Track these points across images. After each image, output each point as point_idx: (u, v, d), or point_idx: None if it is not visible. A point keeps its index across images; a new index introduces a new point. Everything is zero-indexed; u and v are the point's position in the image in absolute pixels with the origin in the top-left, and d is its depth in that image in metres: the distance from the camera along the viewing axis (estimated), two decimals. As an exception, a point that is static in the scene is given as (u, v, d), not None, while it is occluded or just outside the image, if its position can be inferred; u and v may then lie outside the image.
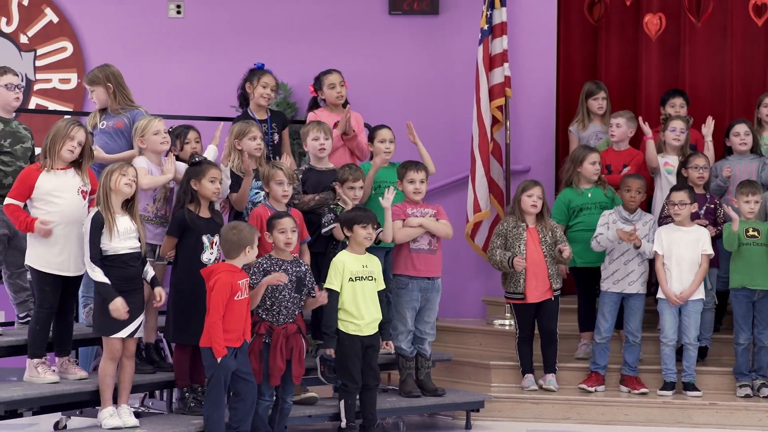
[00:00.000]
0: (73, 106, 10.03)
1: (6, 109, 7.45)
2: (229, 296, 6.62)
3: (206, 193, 7.07)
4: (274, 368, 6.93)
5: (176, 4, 10.16)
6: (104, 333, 6.74)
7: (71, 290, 7.01)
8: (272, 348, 6.93)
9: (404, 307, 7.78)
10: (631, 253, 8.24)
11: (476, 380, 8.57)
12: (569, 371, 8.50)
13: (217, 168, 7.15)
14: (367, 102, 9.46)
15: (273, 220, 7.06)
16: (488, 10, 9.37)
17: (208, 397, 6.71)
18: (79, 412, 7.59)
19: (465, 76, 9.67)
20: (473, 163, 9.37)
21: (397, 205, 7.83)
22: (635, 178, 8.35)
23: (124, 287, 6.72)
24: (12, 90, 7.43)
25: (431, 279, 7.85)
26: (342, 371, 7.29)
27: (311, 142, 7.95)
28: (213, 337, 6.59)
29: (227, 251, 6.77)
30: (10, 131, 7.40)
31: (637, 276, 8.26)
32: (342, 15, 10.09)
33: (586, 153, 8.61)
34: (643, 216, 8.31)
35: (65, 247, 6.82)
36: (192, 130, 7.77)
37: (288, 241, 7.03)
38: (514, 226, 8.25)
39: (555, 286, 8.22)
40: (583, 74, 10.04)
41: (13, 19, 10.19)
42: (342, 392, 7.32)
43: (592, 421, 8.17)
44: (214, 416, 6.69)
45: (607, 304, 8.30)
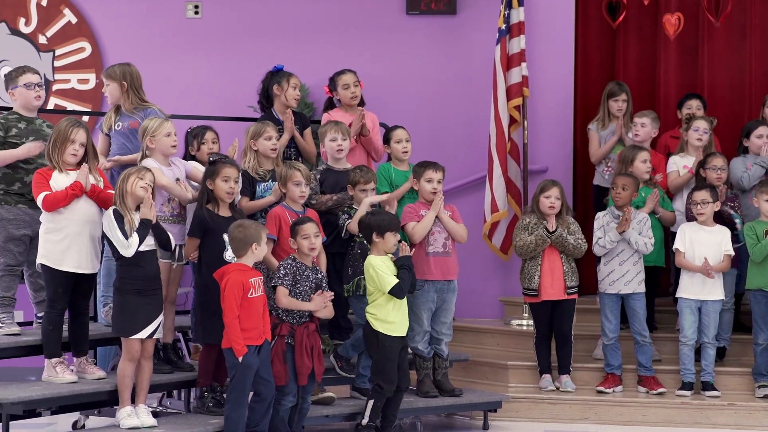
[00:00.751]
0: (92, 106, 10.05)
1: (27, 108, 7.47)
2: (242, 295, 6.63)
3: (219, 193, 7.08)
4: (302, 367, 6.94)
5: (194, 4, 10.18)
6: (123, 334, 6.75)
7: (84, 290, 7.02)
8: (297, 348, 6.94)
9: (420, 309, 7.77)
10: (626, 254, 8.22)
11: (494, 380, 8.56)
12: (587, 372, 8.48)
13: (232, 167, 7.14)
14: (385, 102, 9.46)
15: (296, 226, 7.06)
16: (506, 10, 9.37)
17: (230, 396, 6.71)
18: (98, 412, 7.61)
19: (482, 76, 9.67)
20: (490, 163, 9.37)
21: (410, 206, 7.83)
22: (621, 176, 8.32)
23: (142, 287, 6.73)
24: (32, 89, 7.44)
25: (447, 280, 7.85)
26: (380, 373, 7.26)
27: (329, 142, 7.95)
28: (231, 337, 6.61)
29: (235, 250, 6.79)
30: (33, 129, 7.42)
31: (632, 276, 8.24)
32: (359, 15, 10.10)
33: (636, 152, 8.56)
34: (636, 214, 8.28)
35: (78, 245, 6.83)
36: (209, 130, 7.78)
37: (312, 246, 7.03)
38: (535, 222, 8.24)
39: (569, 284, 8.20)
40: (601, 74, 10.03)
41: (31, 20, 10.22)
42: (375, 393, 7.29)
43: (609, 421, 8.15)
44: (234, 416, 6.70)
45: (608, 305, 8.29)
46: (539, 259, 8.19)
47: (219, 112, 9.22)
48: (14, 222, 7.24)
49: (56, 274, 6.83)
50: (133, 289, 6.71)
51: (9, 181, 7.31)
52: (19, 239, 7.27)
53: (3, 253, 7.32)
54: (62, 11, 10.20)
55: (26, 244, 7.32)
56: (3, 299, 7.32)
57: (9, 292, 7.34)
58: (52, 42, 10.22)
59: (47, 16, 10.21)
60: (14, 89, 7.47)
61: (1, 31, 10.21)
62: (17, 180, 7.27)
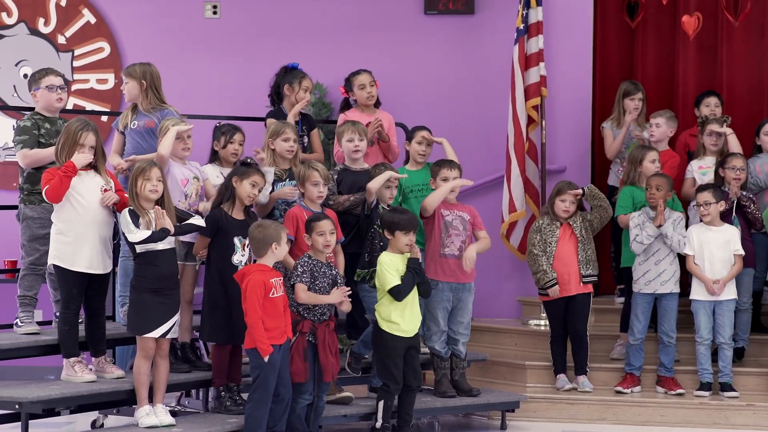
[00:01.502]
0: (110, 106, 10.08)
1: (49, 110, 7.49)
2: (264, 295, 6.65)
3: (242, 194, 7.10)
4: (327, 364, 6.96)
5: (212, 4, 10.20)
6: (137, 332, 6.78)
7: (99, 290, 7.03)
8: (320, 345, 6.95)
9: (435, 308, 7.77)
10: (661, 253, 8.20)
11: (511, 380, 8.55)
12: (605, 372, 8.47)
13: (262, 177, 7.17)
14: (402, 102, 9.46)
15: (312, 223, 7.07)
16: (524, 10, 9.35)
17: (253, 395, 6.72)
18: (116, 411, 7.63)
19: (500, 76, 9.66)
20: (508, 162, 9.36)
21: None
22: (656, 176, 8.30)
23: (159, 285, 6.76)
24: (54, 91, 7.46)
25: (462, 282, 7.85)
26: (384, 372, 7.27)
27: (346, 143, 7.95)
28: (256, 337, 6.62)
29: (255, 250, 6.80)
30: (56, 130, 7.43)
31: (669, 276, 8.22)
32: (377, 15, 10.10)
33: (645, 152, 8.55)
34: (670, 214, 8.26)
35: (89, 245, 6.84)
36: (239, 132, 7.72)
37: (327, 243, 7.04)
38: (549, 224, 8.26)
39: (584, 272, 8.20)
40: (620, 74, 10.01)
41: (50, 20, 10.25)
42: (382, 393, 7.30)
43: (628, 422, 8.14)
44: (257, 415, 6.71)
45: (640, 305, 8.26)
46: (551, 257, 8.21)
47: (237, 112, 9.23)
48: (38, 221, 7.26)
49: (69, 275, 6.85)
50: (149, 288, 6.74)
51: (33, 181, 7.34)
52: (43, 238, 7.28)
53: (28, 251, 7.35)
54: (81, 11, 10.23)
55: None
56: (24, 298, 7.36)
57: (31, 291, 7.37)
58: (71, 42, 10.25)
59: (66, 16, 10.24)
60: (36, 91, 7.49)
61: (21, 31, 10.24)
62: (39, 189, 7.29)
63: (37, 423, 6.90)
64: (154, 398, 6.84)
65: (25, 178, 7.42)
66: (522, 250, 9.56)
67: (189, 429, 6.77)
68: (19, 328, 7.32)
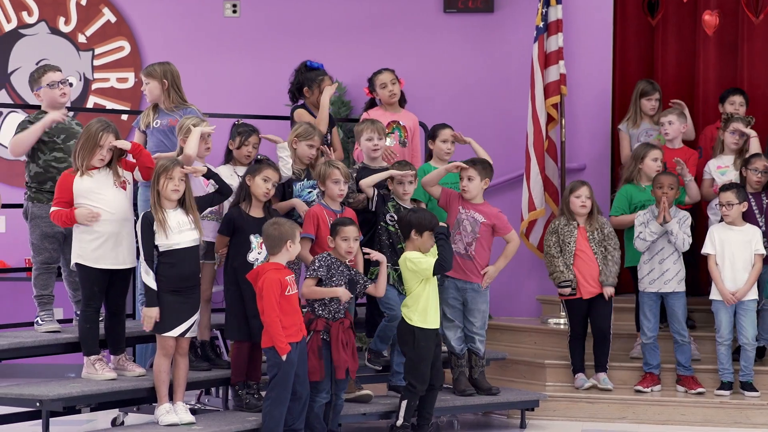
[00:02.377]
0: (131, 105, 10.10)
1: (54, 107, 7.47)
2: (280, 293, 6.66)
3: (257, 192, 7.11)
4: (339, 360, 6.95)
5: (232, 3, 10.21)
6: (157, 331, 6.79)
7: (120, 288, 7.05)
8: (334, 343, 6.95)
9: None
10: (665, 252, 8.18)
11: (531, 379, 8.54)
12: (625, 371, 8.45)
13: (275, 171, 7.18)
14: (422, 100, 9.45)
15: (337, 227, 7.08)
16: (543, 8, 9.33)
17: (271, 393, 6.73)
18: (136, 409, 7.66)
19: (520, 74, 9.65)
20: (528, 161, 9.34)
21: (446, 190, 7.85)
22: (666, 175, 8.28)
23: (179, 285, 6.77)
24: (55, 87, 7.44)
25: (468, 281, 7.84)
26: (414, 371, 7.25)
27: (365, 142, 7.95)
28: (274, 335, 6.63)
29: (269, 247, 6.81)
30: (64, 128, 7.45)
31: (672, 275, 8.19)
32: (397, 13, 10.09)
33: (647, 150, 8.55)
34: (677, 213, 8.23)
35: (114, 242, 6.87)
36: (255, 134, 7.74)
37: (349, 249, 7.05)
38: (566, 224, 8.26)
39: (603, 281, 8.18)
40: (639, 72, 9.99)
41: (71, 19, 10.29)
42: (407, 393, 7.28)
43: (648, 420, 8.12)
44: (275, 413, 6.71)
45: (647, 304, 8.25)
46: (571, 259, 8.20)
47: (256, 110, 9.25)
48: (47, 219, 7.24)
49: (91, 273, 6.87)
50: (170, 288, 6.75)
51: (41, 180, 7.36)
52: (53, 237, 7.31)
53: (38, 251, 7.36)
54: (101, 10, 10.26)
55: (60, 241, 7.36)
56: (41, 297, 7.38)
57: (46, 290, 7.39)
58: (92, 41, 10.28)
59: (87, 15, 10.27)
60: (38, 90, 7.48)
61: (41, 30, 10.28)
62: (49, 179, 7.31)
63: (57, 420, 6.92)
64: (174, 396, 6.86)
65: (32, 176, 7.42)
66: (542, 249, 9.52)
67: (209, 427, 6.78)
68: (40, 327, 7.35)
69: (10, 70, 10.23)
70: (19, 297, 9.27)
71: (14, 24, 10.28)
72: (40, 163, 7.38)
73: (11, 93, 10.19)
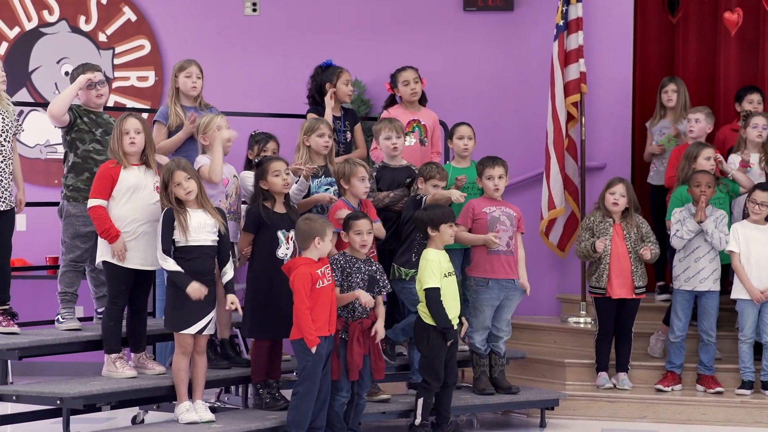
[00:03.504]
0: (151, 104, 10.13)
1: (90, 106, 7.52)
2: (311, 286, 6.66)
3: (276, 189, 7.12)
4: (351, 363, 6.94)
5: (252, 1, 10.23)
6: (174, 329, 6.81)
7: (144, 287, 7.08)
8: (350, 343, 6.95)
9: (483, 305, 7.75)
10: (701, 251, 8.13)
11: (551, 378, 8.53)
12: (645, 370, 8.43)
13: (279, 161, 7.16)
14: (442, 99, 9.44)
15: (350, 221, 7.07)
16: (564, 6, 9.31)
17: (299, 387, 6.73)
18: (156, 407, 7.67)
19: (540, 72, 9.63)
20: (548, 159, 9.32)
21: (472, 202, 7.81)
22: (704, 174, 8.23)
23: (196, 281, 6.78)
24: (92, 87, 7.50)
25: (511, 279, 7.82)
26: (428, 369, 7.25)
27: (383, 141, 7.95)
28: (303, 328, 6.63)
29: (300, 242, 6.82)
30: (102, 122, 7.49)
31: (708, 273, 8.15)
32: (416, 11, 10.09)
33: (699, 149, 8.47)
34: (713, 212, 8.20)
35: (143, 242, 6.89)
36: (272, 140, 7.73)
37: (363, 243, 7.04)
38: (601, 220, 8.21)
39: (637, 284, 8.15)
40: (660, 70, 9.96)
41: (91, 18, 10.32)
42: (422, 390, 7.29)
43: (668, 420, 8.10)
44: (303, 407, 6.71)
45: (680, 303, 8.21)
46: (608, 258, 8.14)
47: (277, 109, 9.26)
48: (81, 219, 7.30)
49: (119, 271, 6.89)
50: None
51: (78, 171, 7.36)
52: (86, 236, 7.34)
53: (70, 249, 7.39)
54: (122, 9, 10.29)
55: (92, 240, 7.39)
56: (65, 295, 7.41)
57: (72, 287, 7.42)
58: (112, 40, 10.31)
59: (107, 14, 10.30)
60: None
61: (62, 29, 10.32)
62: (86, 170, 7.31)
63: (78, 418, 6.95)
64: (194, 394, 6.87)
65: (69, 167, 7.44)
66: (561, 248, 9.53)
67: (228, 425, 6.79)
68: (61, 324, 7.38)
69: (30, 68, 10.27)
70: (40, 295, 9.31)
71: (35, 23, 10.32)
72: (79, 152, 7.40)
73: (32, 92, 10.23)
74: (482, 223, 7.72)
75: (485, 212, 7.77)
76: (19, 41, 10.30)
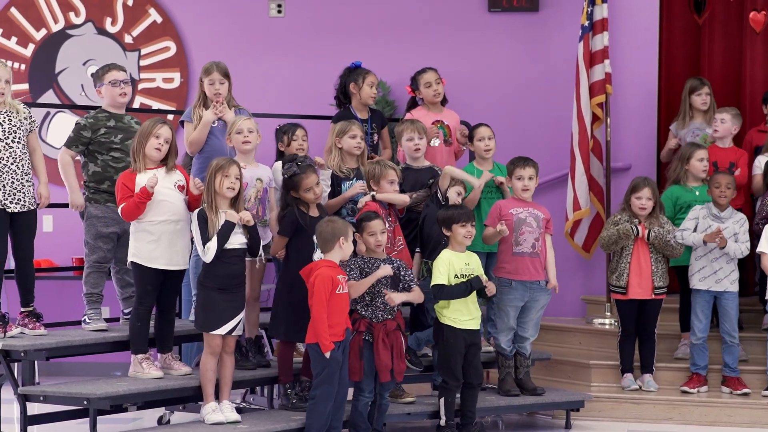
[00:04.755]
0: (176, 105, 10.17)
1: (114, 105, 7.58)
2: (331, 291, 6.67)
3: (308, 201, 7.13)
4: (380, 364, 6.93)
5: (277, 3, 10.26)
6: (204, 329, 6.83)
7: (172, 287, 7.10)
8: (376, 345, 6.95)
9: (507, 305, 7.73)
10: (718, 251, 8.09)
11: (576, 379, 8.51)
12: (670, 371, 8.40)
13: (311, 175, 7.15)
14: (466, 100, 9.44)
15: (362, 223, 7.07)
16: (589, 7, 9.30)
17: (315, 392, 6.75)
18: (182, 407, 7.71)
19: (565, 73, 9.61)
20: (573, 160, 9.31)
21: (499, 203, 7.80)
22: (725, 174, 8.20)
23: (226, 284, 6.80)
24: (117, 86, 7.54)
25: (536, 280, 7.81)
26: (444, 368, 7.27)
27: (406, 142, 7.96)
28: (319, 332, 6.64)
29: (322, 245, 6.82)
30: (122, 127, 7.53)
31: (725, 274, 8.10)
32: (441, 13, 10.10)
33: (693, 150, 8.49)
34: (733, 214, 8.15)
35: (169, 242, 6.92)
36: (300, 128, 7.77)
37: (378, 243, 7.03)
38: (627, 220, 8.17)
39: (657, 284, 8.12)
40: (686, 70, 9.92)
41: (117, 20, 10.37)
42: (442, 390, 7.31)
43: (694, 422, 8.07)
44: (320, 411, 6.73)
45: (699, 303, 8.17)
46: (629, 257, 8.12)
47: (302, 110, 9.28)
48: (103, 220, 7.36)
49: (147, 272, 6.92)
50: (216, 286, 6.79)
51: (99, 180, 7.44)
52: (108, 237, 7.39)
53: (92, 250, 7.44)
54: (148, 11, 10.34)
55: (114, 241, 7.44)
56: (91, 296, 7.45)
57: (97, 288, 7.46)
58: (138, 41, 10.36)
59: (133, 15, 10.35)
60: (100, 87, 7.60)
61: (88, 30, 10.38)
62: (107, 178, 7.39)
63: (104, 419, 6.98)
64: (220, 394, 6.88)
65: (90, 176, 7.50)
66: (586, 249, 9.51)
67: (254, 426, 6.81)
68: (87, 325, 7.41)
69: (57, 70, 10.34)
70: (67, 296, 9.36)
71: (61, 25, 10.38)
72: (99, 162, 7.47)
73: (59, 93, 10.29)
74: (508, 225, 7.68)
75: (512, 213, 7.75)
76: (46, 43, 10.37)
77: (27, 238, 7.23)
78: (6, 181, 7.04)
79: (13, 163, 7.09)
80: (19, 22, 10.37)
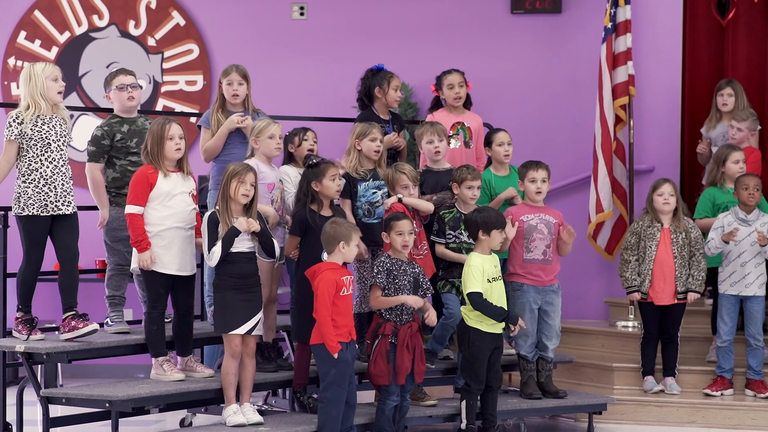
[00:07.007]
0: (199, 108, 10.19)
1: (123, 110, 7.59)
2: (335, 293, 6.67)
3: (329, 193, 7.12)
4: (401, 367, 6.93)
5: (299, 5, 10.27)
6: (223, 330, 6.83)
7: (187, 289, 7.10)
8: (399, 347, 6.95)
9: (522, 311, 7.69)
10: (748, 255, 8.05)
11: (598, 382, 8.48)
12: (695, 374, 8.36)
13: (335, 166, 7.19)
14: (489, 102, 9.44)
15: (390, 222, 7.08)
16: (612, 8, 9.27)
17: (325, 394, 6.75)
18: (204, 410, 7.73)
19: (588, 75, 9.59)
20: (596, 162, 9.28)
21: (511, 209, 7.78)
22: (752, 176, 8.17)
23: (241, 284, 6.81)
24: (124, 90, 7.55)
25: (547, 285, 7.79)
26: (468, 371, 7.25)
27: (425, 144, 7.96)
28: (325, 333, 6.65)
29: (325, 246, 6.81)
30: (136, 130, 7.54)
31: (753, 278, 8.07)
32: (464, 15, 10.09)
33: (729, 152, 8.45)
34: (761, 216, 8.12)
35: (178, 247, 6.94)
36: (309, 130, 7.79)
37: (405, 243, 7.03)
38: (649, 225, 8.14)
39: (680, 288, 8.09)
40: (709, 72, 9.88)
41: (141, 22, 10.41)
42: (464, 392, 7.29)
43: (717, 425, 8.03)
44: (332, 413, 6.72)
45: (725, 307, 8.14)
46: (651, 262, 8.09)
47: (325, 113, 9.29)
48: (124, 222, 7.36)
49: (156, 276, 6.93)
50: (231, 286, 6.80)
51: (119, 185, 7.46)
52: (127, 239, 7.39)
53: (113, 252, 7.48)
54: (171, 14, 10.37)
55: (134, 245, 7.46)
56: (113, 298, 7.47)
57: (119, 291, 7.49)
58: (161, 44, 10.39)
59: (156, 18, 10.38)
60: (109, 92, 7.62)
61: (112, 33, 10.42)
62: (126, 183, 7.39)
63: (126, 421, 7.00)
64: (242, 397, 6.90)
65: (109, 182, 7.53)
66: (609, 251, 9.48)
67: (276, 428, 6.81)
68: (110, 328, 7.44)
69: (81, 73, 10.38)
70: (90, 298, 9.37)
71: (85, 27, 10.42)
72: (117, 168, 7.50)
73: (82, 96, 10.33)
74: (519, 232, 7.68)
75: (522, 220, 7.72)
76: (70, 46, 10.41)
77: (72, 239, 7.21)
78: (57, 183, 7.06)
79: (63, 165, 7.12)
80: (43, 24, 10.42)
